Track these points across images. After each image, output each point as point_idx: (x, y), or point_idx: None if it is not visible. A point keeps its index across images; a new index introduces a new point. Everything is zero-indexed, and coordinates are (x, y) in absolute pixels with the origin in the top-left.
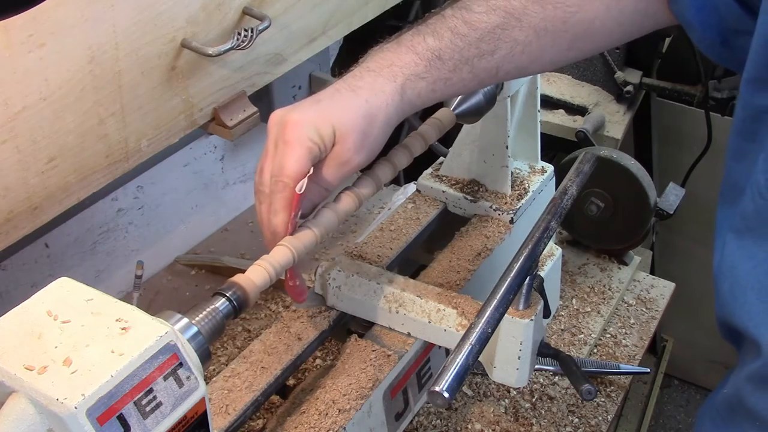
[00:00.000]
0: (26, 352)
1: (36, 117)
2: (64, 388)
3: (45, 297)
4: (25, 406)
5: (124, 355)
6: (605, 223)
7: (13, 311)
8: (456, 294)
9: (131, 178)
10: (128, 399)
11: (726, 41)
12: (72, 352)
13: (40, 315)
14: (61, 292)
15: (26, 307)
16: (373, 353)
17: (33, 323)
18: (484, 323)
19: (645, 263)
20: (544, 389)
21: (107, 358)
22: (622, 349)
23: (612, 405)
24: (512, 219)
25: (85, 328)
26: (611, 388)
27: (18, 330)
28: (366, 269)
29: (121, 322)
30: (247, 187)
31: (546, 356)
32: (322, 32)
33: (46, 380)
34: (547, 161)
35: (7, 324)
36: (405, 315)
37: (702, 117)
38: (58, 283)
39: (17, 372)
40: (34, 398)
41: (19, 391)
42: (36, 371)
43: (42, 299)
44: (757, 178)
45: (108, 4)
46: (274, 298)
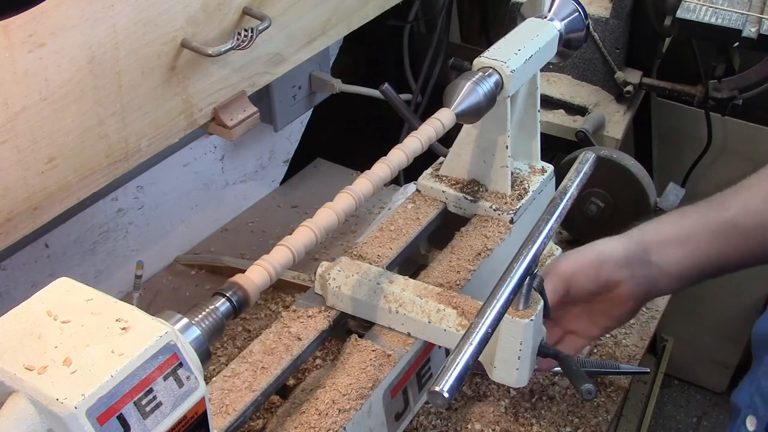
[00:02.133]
0: (26, 352)
1: (36, 117)
2: (64, 388)
3: (45, 297)
4: (25, 406)
5: (124, 355)
6: (605, 223)
7: (13, 311)
8: (456, 294)
9: (131, 178)
10: (128, 399)
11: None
12: (72, 352)
13: (40, 315)
14: (61, 292)
15: (26, 307)
16: (373, 353)
17: (33, 323)
18: (484, 323)
19: None
20: (544, 389)
21: (107, 358)
22: (622, 349)
23: (612, 405)
24: (512, 219)
25: (85, 327)
26: (611, 388)
27: (18, 330)
28: (366, 269)
29: (121, 322)
30: (248, 187)
31: (546, 356)
32: (322, 32)
33: (46, 380)
34: (547, 161)
35: (7, 324)
36: (405, 315)
37: (702, 117)
38: (58, 283)
39: (17, 372)
40: (34, 398)
41: (19, 391)
42: (36, 371)
43: (42, 299)
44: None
45: (108, 3)
46: (274, 298)
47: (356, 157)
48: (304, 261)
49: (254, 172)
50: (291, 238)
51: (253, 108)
